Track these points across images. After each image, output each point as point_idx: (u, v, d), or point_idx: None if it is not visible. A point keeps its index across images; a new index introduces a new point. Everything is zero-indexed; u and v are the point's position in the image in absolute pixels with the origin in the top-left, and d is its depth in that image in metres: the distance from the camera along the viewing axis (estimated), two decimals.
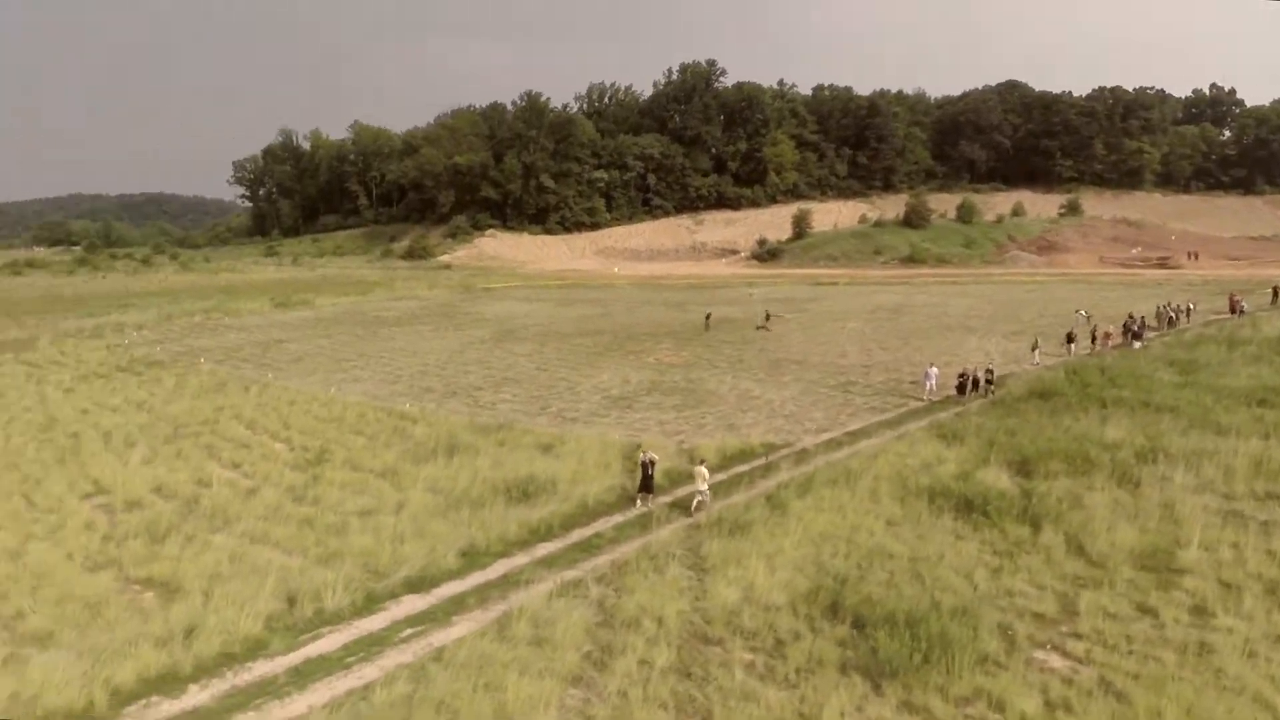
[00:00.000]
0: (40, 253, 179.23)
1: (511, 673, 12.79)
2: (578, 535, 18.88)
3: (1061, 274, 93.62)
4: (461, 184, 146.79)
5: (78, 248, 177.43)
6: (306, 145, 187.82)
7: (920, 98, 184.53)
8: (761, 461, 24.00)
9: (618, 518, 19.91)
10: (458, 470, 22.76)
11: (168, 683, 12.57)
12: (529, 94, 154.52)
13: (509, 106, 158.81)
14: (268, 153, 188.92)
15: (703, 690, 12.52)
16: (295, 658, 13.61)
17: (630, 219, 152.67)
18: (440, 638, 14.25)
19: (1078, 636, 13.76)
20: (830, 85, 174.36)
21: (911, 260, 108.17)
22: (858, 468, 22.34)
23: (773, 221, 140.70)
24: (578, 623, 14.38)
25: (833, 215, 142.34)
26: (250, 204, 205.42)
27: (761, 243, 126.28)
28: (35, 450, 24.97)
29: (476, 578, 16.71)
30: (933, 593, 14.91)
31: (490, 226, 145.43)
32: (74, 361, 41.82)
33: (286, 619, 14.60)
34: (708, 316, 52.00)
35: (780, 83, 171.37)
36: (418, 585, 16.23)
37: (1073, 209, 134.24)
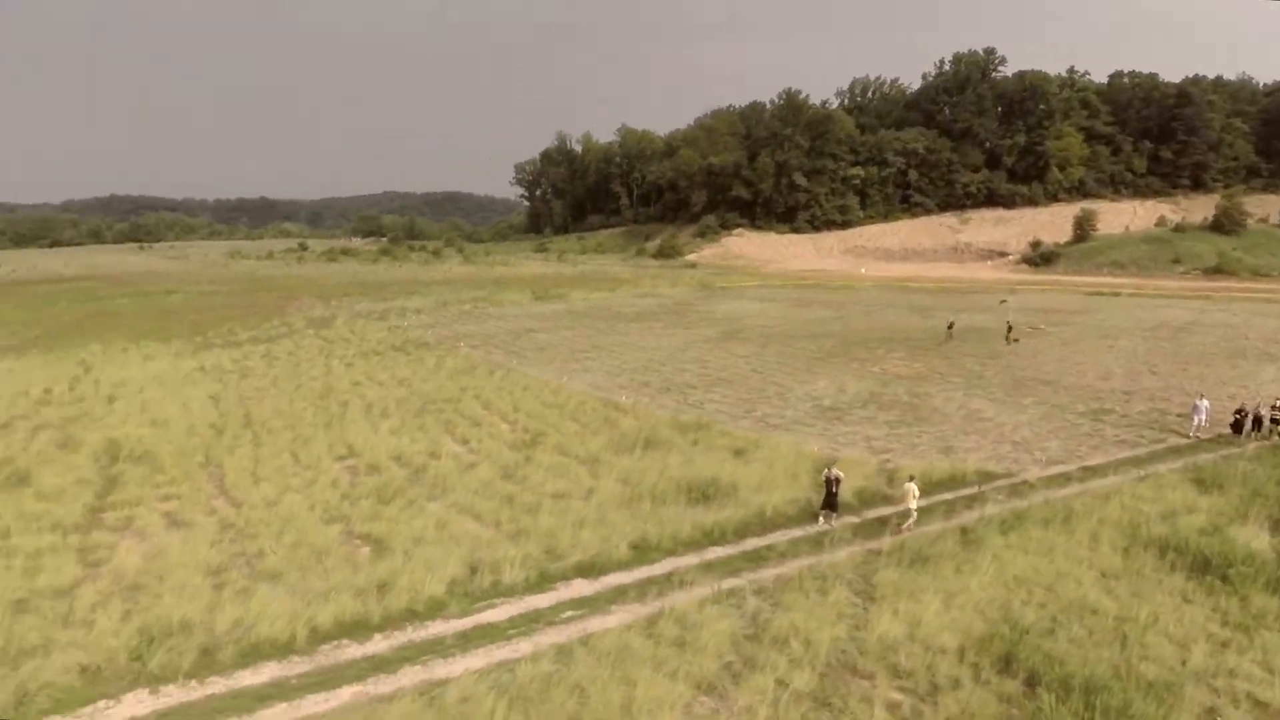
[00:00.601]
0: (355, 243, 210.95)
1: (648, 669, 13.14)
2: (750, 544, 18.74)
3: None
4: (714, 184, 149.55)
5: (384, 239, 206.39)
6: (579, 148, 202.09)
7: (1244, 84, 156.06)
8: (971, 490, 22.07)
9: (795, 532, 19.44)
10: (650, 464, 23.53)
11: (358, 629, 14.52)
12: (787, 91, 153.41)
13: (767, 105, 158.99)
14: (544, 155, 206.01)
15: None
16: (466, 623, 15.04)
17: (886, 217, 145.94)
18: (594, 624, 14.96)
19: None
20: (1131, 72, 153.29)
21: (1218, 271, 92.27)
22: (1082, 509, 19.82)
23: (1051, 222, 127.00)
24: (724, 631, 14.37)
25: (1124, 216, 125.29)
26: (528, 203, 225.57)
27: (1035, 245, 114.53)
28: (311, 414, 29.72)
29: (642, 571, 17.26)
30: (1131, 660, 12.90)
31: (739, 225, 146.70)
32: (358, 339, 49.00)
33: (466, 586, 16.16)
34: (950, 325, 48.41)
35: (1070, 70, 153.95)
36: (588, 571, 17.12)
37: None
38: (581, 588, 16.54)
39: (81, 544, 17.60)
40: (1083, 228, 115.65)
